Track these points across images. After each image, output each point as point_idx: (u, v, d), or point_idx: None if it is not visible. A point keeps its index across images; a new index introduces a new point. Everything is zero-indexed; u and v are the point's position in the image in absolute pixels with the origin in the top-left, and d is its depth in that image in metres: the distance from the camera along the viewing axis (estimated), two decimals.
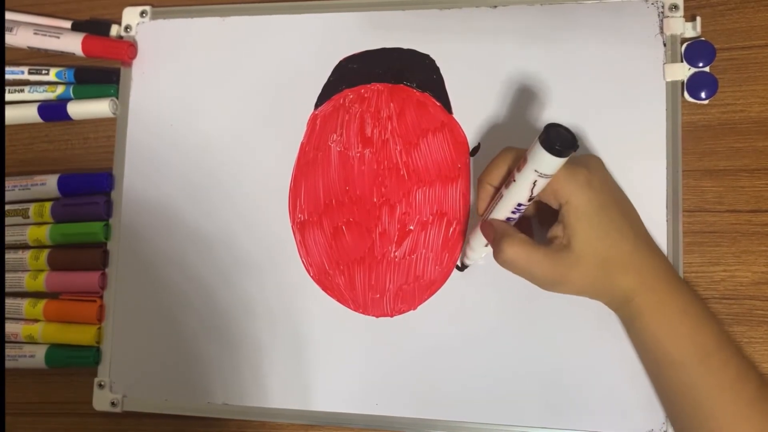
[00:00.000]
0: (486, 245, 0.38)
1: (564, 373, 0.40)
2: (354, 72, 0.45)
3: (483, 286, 0.42)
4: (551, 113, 0.42)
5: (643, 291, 0.35)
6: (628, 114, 0.41)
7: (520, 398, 0.40)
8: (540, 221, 0.40)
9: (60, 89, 0.49)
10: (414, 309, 0.42)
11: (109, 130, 0.49)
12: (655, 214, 0.40)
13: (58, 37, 0.48)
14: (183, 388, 0.44)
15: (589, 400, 0.39)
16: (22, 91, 0.49)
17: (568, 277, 0.35)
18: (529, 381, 0.40)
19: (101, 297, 0.46)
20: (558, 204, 0.35)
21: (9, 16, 0.50)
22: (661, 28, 0.41)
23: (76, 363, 0.46)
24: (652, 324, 0.35)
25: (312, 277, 0.44)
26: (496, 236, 0.35)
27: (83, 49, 0.48)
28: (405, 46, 0.45)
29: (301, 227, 0.44)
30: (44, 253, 0.47)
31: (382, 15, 0.45)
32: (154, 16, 0.49)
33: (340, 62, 0.46)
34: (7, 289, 0.47)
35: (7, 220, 0.48)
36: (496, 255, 0.35)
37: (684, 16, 0.41)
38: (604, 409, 0.39)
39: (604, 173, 0.36)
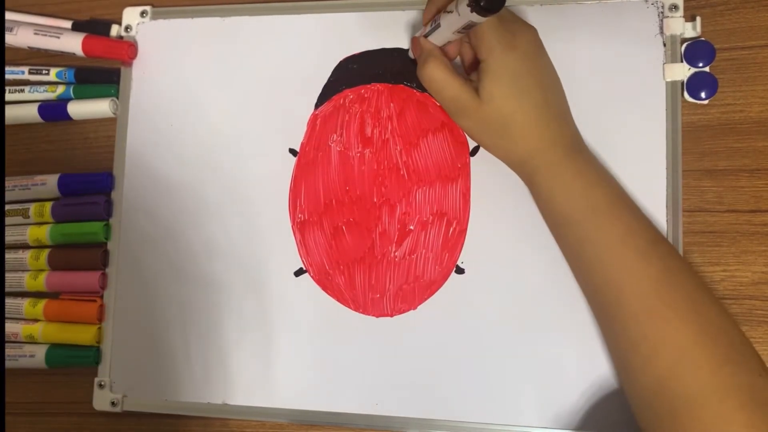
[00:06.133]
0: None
1: (564, 373, 0.40)
2: (354, 72, 0.45)
3: (483, 286, 0.42)
4: None
5: (540, 153, 0.37)
6: (628, 114, 0.41)
7: (519, 398, 0.40)
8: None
9: (60, 89, 0.49)
10: (414, 309, 0.42)
11: (109, 130, 0.49)
12: (655, 214, 0.40)
13: (59, 37, 0.48)
14: (183, 388, 0.45)
15: (589, 400, 0.39)
16: (22, 91, 0.49)
17: (469, 113, 0.38)
18: (529, 381, 0.40)
19: (101, 297, 0.46)
20: (480, 57, 0.38)
21: (9, 16, 0.50)
22: (661, 28, 0.41)
23: (77, 363, 0.46)
24: (545, 183, 0.37)
25: (312, 277, 0.44)
26: (422, 54, 0.39)
27: (83, 49, 0.48)
28: (405, 46, 0.45)
29: (301, 227, 0.45)
30: (44, 253, 0.47)
31: (382, 15, 0.46)
32: (155, 16, 0.49)
33: (340, 62, 0.46)
34: (7, 289, 0.47)
35: (8, 220, 0.48)
36: (419, 70, 0.39)
37: (684, 17, 0.41)
38: (604, 409, 0.39)
39: (531, 42, 0.38)
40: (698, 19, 0.41)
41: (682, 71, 0.41)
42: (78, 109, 0.48)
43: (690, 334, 0.32)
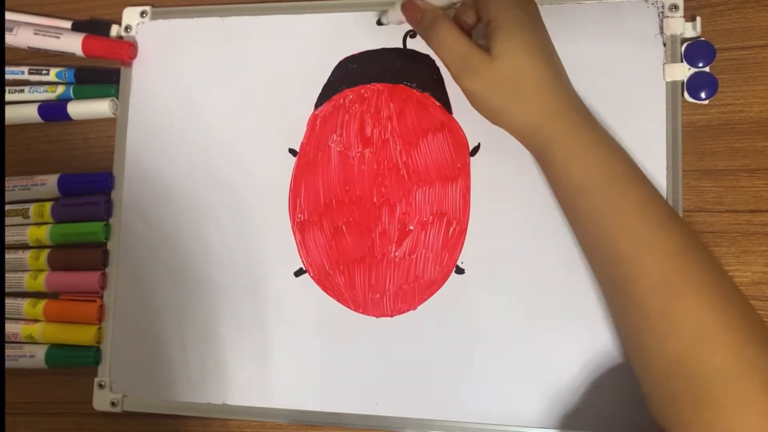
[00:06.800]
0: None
1: (563, 372, 0.40)
2: (354, 72, 0.45)
3: (483, 286, 0.42)
4: None
5: (556, 118, 0.35)
6: (628, 114, 0.41)
7: (519, 398, 0.40)
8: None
9: (60, 89, 0.49)
10: (414, 309, 0.42)
11: (109, 130, 0.49)
12: None
13: (59, 38, 0.48)
14: (183, 389, 0.45)
15: (589, 400, 0.39)
16: (22, 91, 0.49)
17: (480, 71, 0.36)
18: (529, 381, 0.40)
19: (101, 297, 0.46)
20: (487, 19, 0.36)
21: (9, 16, 0.50)
22: (661, 28, 0.41)
23: (76, 363, 0.46)
24: (561, 151, 0.35)
25: (312, 277, 0.44)
26: (426, 15, 0.38)
27: (83, 49, 0.48)
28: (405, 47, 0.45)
29: (301, 227, 0.45)
30: (44, 253, 0.47)
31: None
32: (154, 16, 0.49)
33: (340, 62, 0.46)
34: (7, 289, 0.47)
35: (7, 220, 0.48)
36: (425, 31, 0.38)
37: (684, 16, 0.41)
38: (604, 409, 0.39)
39: (536, 6, 0.37)
40: (698, 19, 0.41)
41: (682, 71, 0.41)
42: (78, 109, 0.48)
43: (710, 311, 0.31)
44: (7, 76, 0.49)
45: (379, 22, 0.44)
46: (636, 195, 0.34)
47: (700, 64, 0.40)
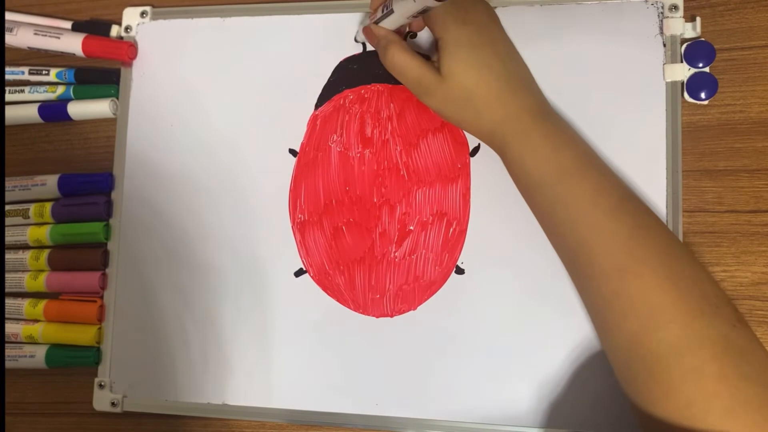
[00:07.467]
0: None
1: (564, 373, 0.40)
2: (354, 72, 0.45)
3: (483, 286, 0.42)
4: None
5: (507, 123, 0.38)
6: (628, 114, 0.41)
7: (519, 398, 0.40)
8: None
9: (60, 89, 0.49)
10: (414, 309, 0.42)
11: (109, 130, 0.49)
12: None
13: (59, 38, 0.48)
14: (183, 388, 0.45)
15: (588, 400, 0.39)
16: (22, 91, 0.49)
17: (434, 91, 0.38)
18: (529, 381, 0.40)
19: (101, 297, 0.46)
20: (436, 35, 0.39)
21: (9, 16, 0.50)
22: (661, 29, 0.41)
23: (76, 363, 0.46)
24: (515, 151, 0.37)
25: (312, 277, 0.44)
26: (380, 41, 0.40)
27: (83, 50, 0.48)
28: None
29: (301, 227, 0.45)
30: (44, 254, 0.47)
31: None
32: (155, 17, 0.49)
33: (340, 62, 0.46)
34: (7, 290, 0.47)
35: (8, 221, 0.48)
36: (381, 56, 0.40)
37: (684, 17, 0.41)
38: (604, 409, 0.39)
39: (484, 14, 0.39)
40: (698, 19, 0.41)
41: (682, 71, 0.41)
42: (78, 109, 0.48)
43: (661, 288, 0.32)
44: (7, 76, 0.49)
45: (356, 39, 0.45)
46: (586, 186, 0.36)
47: (700, 65, 0.40)
